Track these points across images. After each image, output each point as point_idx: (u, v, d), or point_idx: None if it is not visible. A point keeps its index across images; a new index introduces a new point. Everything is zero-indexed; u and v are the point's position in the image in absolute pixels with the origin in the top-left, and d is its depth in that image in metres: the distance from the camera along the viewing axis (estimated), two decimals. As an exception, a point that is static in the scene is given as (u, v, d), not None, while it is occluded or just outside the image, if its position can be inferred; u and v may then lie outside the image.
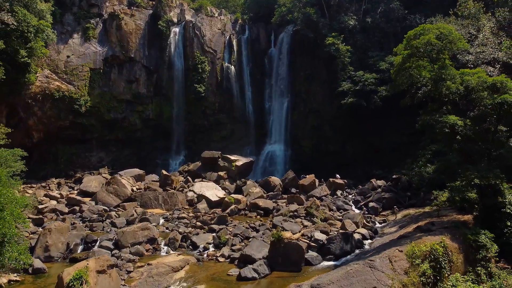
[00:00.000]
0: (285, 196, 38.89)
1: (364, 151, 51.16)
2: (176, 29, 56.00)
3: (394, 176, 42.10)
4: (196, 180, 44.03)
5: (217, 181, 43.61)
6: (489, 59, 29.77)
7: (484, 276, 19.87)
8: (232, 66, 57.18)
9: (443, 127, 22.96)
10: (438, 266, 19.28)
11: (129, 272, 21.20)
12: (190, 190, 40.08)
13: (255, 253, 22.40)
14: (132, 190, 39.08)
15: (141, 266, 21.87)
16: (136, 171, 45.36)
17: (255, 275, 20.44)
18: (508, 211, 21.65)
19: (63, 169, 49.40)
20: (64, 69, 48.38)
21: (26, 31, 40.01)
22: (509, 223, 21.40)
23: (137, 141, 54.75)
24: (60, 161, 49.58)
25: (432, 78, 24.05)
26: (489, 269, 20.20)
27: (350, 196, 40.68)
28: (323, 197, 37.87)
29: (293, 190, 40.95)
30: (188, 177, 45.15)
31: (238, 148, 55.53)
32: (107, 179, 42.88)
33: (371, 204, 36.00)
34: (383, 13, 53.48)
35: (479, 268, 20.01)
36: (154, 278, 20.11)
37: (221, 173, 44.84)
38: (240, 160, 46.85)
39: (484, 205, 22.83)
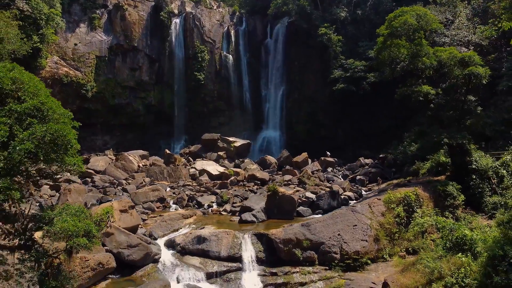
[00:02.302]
0: (280, 172, 42.05)
1: (354, 135, 54.31)
2: (177, 20, 58.96)
3: (381, 155, 45.34)
4: (197, 159, 47.09)
5: (216, 161, 46.63)
6: (464, 41, 33.08)
7: (451, 219, 23.10)
8: (230, 55, 60.19)
9: (417, 95, 26.26)
10: (411, 209, 22.61)
11: (144, 220, 24.24)
12: (192, 167, 43.09)
13: (254, 205, 25.51)
14: (139, 166, 42.08)
15: (154, 217, 24.96)
16: (140, 152, 48.29)
17: (254, 219, 23.62)
18: (474, 167, 24.91)
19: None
20: (71, 56, 51.17)
21: (38, 18, 42.86)
22: (474, 177, 24.67)
23: (140, 126, 57.64)
24: (68, 144, 52.23)
25: (409, 54, 27.28)
26: (456, 214, 23.46)
27: (339, 172, 43.85)
28: (315, 172, 41.01)
29: (288, 167, 44.05)
30: (189, 157, 48.18)
31: (235, 134, 58.27)
32: (112, 159, 45.84)
33: (358, 177, 39.17)
34: (372, 6, 56.78)
35: (447, 213, 23.25)
36: (167, 222, 23.22)
37: (221, 153, 47.90)
38: (238, 142, 50.00)
39: (454, 164, 26.13)
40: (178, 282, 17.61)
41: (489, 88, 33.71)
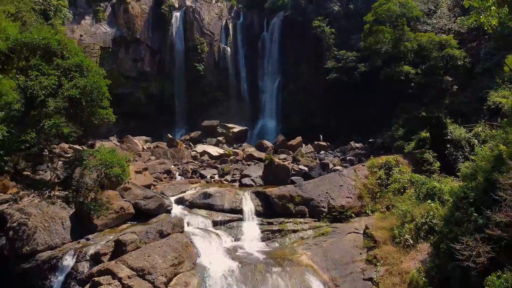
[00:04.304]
0: (276, 154, 44.83)
1: (346, 123, 56.93)
2: (177, 14, 61.67)
3: (370, 140, 48.31)
4: (197, 144, 49.83)
5: (216, 145, 49.37)
6: (444, 29, 36.06)
7: (427, 182, 25.97)
8: (229, 48, 62.90)
9: (399, 75, 29.18)
10: (391, 172, 25.49)
11: (154, 185, 26.97)
12: (193, 150, 45.84)
13: (252, 173, 28.34)
14: (143, 148, 44.74)
15: (163, 183, 27.71)
16: (144, 137, 51.02)
17: (253, 183, 26.47)
18: (449, 137, 27.84)
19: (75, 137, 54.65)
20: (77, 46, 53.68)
21: (47, 9, 45.50)
22: (449, 146, 27.61)
23: (142, 114, 60.12)
24: (73, 130, 54.85)
25: (392, 39, 30.23)
26: (432, 178, 26.34)
27: (331, 155, 46.74)
28: (308, 153, 43.85)
29: (283, 149, 46.88)
30: (190, 143, 50.90)
31: (233, 123, 60.73)
32: (117, 145, 48.47)
33: (348, 158, 41.90)
34: (364, 0, 59.65)
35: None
36: (175, 186, 26.01)
37: (220, 138, 50.73)
38: (236, 128, 52.89)
39: (432, 135, 29.05)
40: (188, 225, 20.35)
41: (468, 73, 36.71)
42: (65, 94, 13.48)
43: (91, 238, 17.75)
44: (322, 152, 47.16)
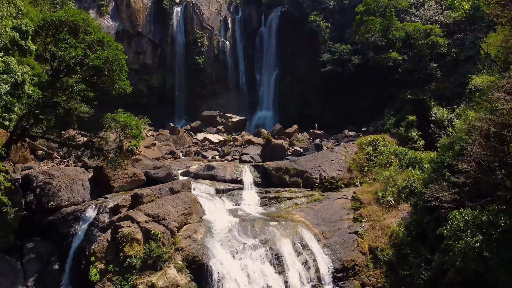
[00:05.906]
0: (274, 141, 47.10)
1: (341, 114, 59.12)
2: (178, 8, 63.79)
3: (363, 129, 50.48)
4: (198, 133, 51.96)
5: (216, 134, 51.57)
6: (432, 21, 38.29)
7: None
8: (227, 41, 65.09)
9: (387, 61, 31.39)
10: (377, 146, 27.72)
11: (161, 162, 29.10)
12: (194, 138, 47.97)
13: (251, 152, 30.57)
14: (146, 135, 46.76)
15: (167, 162, 29.82)
16: (146, 127, 53.07)
17: (251, 160, 28.69)
18: (433, 118, 30.13)
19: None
20: (82, 39, 55.71)
21: (54, 2, 47.47)
22: (432, 126, 29.88)
23: (144, 106, 62.04)
24: (78, 121, 56.86)
25: (382, 28, 32.44)
26: (416, 154, 28.56)
27: (326, 142, 48.96)
28: (304, 140, 46.07)
29: (280, 136, 49.08)
30: (190, 132, 53.02)
31: (232, 114, 63.34)
32: (121, 132, 50.58)
33: (342, 144, 44.26)
34: (358, -4, 61.91)
35: (409, 153, 28.33)
36: (180, 162, 28.24)
37: (219, 127, 52.92)
38: (235, 117, 55.15)
39: (417, 116, 31.32)
40: (193, 190, 22.53)
41: (454, 61, 39.01)
42: (90, 64, 15.63)
43: (108, 197, 19.91)
44: (317, 140, 49.28)
